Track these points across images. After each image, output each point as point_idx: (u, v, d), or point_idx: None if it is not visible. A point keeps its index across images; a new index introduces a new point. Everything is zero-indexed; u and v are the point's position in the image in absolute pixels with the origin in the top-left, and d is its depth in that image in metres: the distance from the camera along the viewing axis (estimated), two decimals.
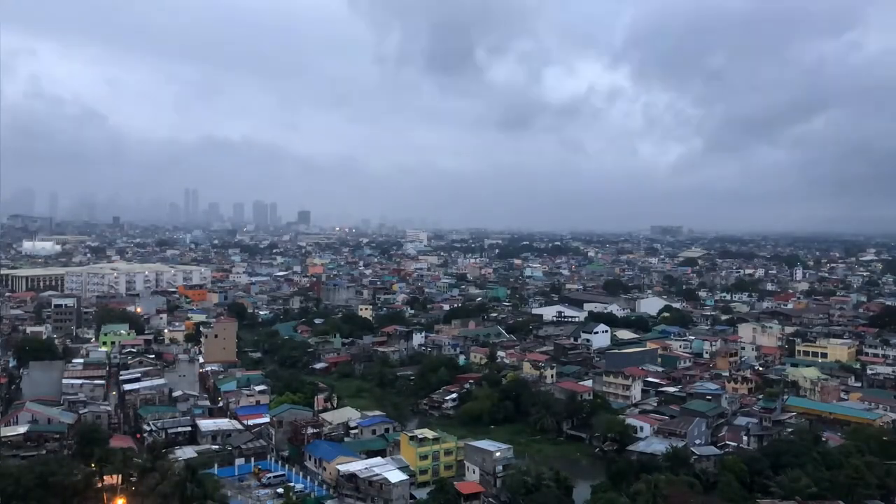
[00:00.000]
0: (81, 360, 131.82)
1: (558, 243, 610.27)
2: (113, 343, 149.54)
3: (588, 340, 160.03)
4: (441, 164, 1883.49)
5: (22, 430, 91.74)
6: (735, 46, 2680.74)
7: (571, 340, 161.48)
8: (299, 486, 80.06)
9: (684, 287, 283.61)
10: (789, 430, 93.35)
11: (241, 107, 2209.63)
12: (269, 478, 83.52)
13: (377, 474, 79.23)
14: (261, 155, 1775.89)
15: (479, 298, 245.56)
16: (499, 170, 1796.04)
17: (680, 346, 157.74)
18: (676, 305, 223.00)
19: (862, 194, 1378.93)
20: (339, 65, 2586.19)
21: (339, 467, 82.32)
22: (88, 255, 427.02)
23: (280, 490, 78.79)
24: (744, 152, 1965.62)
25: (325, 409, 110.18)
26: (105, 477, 71.65)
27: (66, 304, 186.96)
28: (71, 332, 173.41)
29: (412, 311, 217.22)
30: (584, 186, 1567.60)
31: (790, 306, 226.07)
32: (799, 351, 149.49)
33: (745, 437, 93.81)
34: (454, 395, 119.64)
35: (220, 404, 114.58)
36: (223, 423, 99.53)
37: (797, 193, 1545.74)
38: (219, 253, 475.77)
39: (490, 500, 78.98)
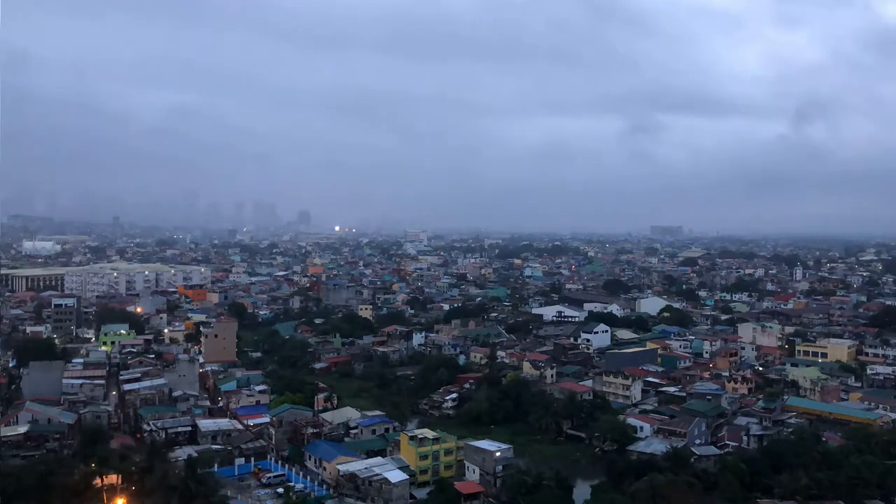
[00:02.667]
0: (81, 360, 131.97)
1: (558, 243, 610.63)
2: (113, 343, 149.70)
3: (588, 340, 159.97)
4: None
5: (22, 430, 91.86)
6: None
7: (571, 340, 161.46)
8: (299, 486, 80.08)
9: (684, 287, 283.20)
10: (789, 430, 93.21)
11: None
12: (269, 478, 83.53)
13: (377, 474, 79.23)
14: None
15: (479, 298, 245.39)
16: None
17: (680, 346, 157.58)
18: (676, 305, 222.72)
19: None
20: None
21: (339, 467, 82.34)
22: (88, 255, 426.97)
23: (280, 490, 78.84)
24: None
25: (325, 409, 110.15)
26: (105, 477, 71.60)
27: (66, 304, 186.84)
28: (71, 332, 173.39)
29: (412, 311, 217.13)
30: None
31: (790, 306, 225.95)
32: (799, 351, 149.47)
33: (745, 437, 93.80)
34: (454, 395, 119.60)
35: (220, 404, 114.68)
36: (223, 423, 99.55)
37: None
38: (219, 253, 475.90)
39: (490, 500, 78.99)
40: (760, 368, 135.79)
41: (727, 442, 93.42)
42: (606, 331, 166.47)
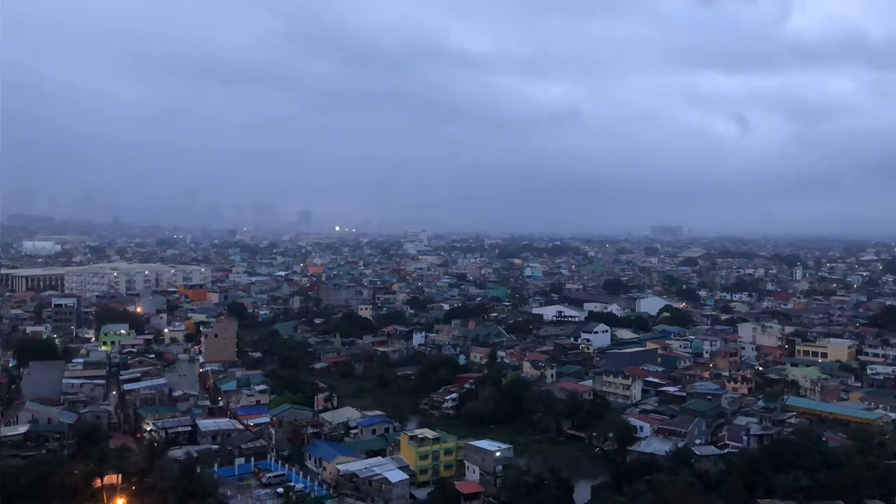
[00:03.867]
0: (81, 360, 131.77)
1: (558, 243, 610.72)
2: (113, 343, 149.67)
3: (588, 340, 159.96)
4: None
5: (22, 429, 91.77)
6: None
7: (571, 340, 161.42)
8: (299, 486, 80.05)
9: (684, 287, 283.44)
10: (790, 430, 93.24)
11: None
12: (269, 477, 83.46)
13: (377, 474, 79.22)
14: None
15: (479, 298, 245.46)
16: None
17: (680, 346, 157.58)
18: (676, 305, 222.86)
19: None
20: None
21: (339, 467, 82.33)
22: (88, 255, 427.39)
23: (280, 490, 78.78)
24: None
25: (325, 409, 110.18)
26: (105, 476, 71.69)
27: (66, 304, 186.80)
28: (71, 332, 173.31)
29: (412, 311, 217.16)
30: None
31: (790, 306, 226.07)
32: (799, 351, 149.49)
33: (745, 437, 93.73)
34: (454, 395, 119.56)
35: (220, 404, 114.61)
36: (223, 423, 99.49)
37: None
38: (219, 253, 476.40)
39: (490, 499, 78.92)
40: (760, 368, 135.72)
41: (727, 442, 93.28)
42: (606, 331, 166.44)
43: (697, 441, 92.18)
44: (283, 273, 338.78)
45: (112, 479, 71.92)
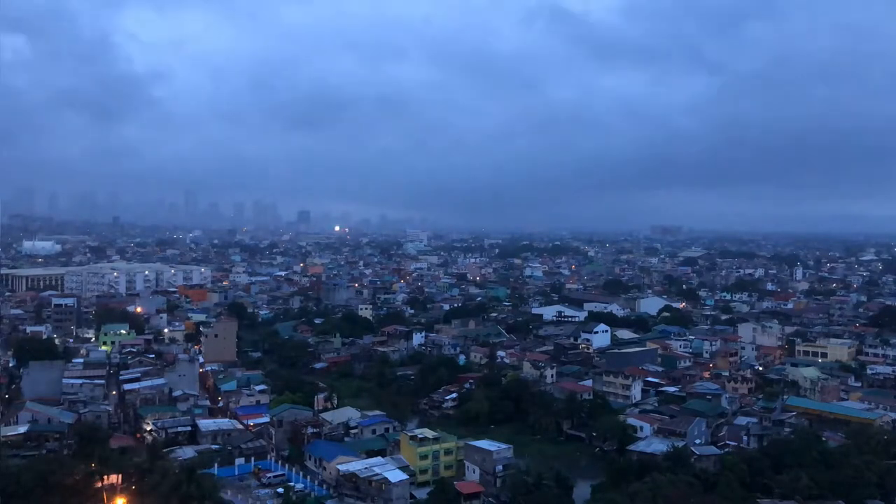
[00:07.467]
0: (81, 360, 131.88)
1: (558, 243, 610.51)
2: (113, 343, 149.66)
3: (588, 340, 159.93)
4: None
5: (22, 429, 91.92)
6: None
7: (571, 340, 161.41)
8: (299, 486, 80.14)
9: (684, 287, 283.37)
10: (789, 430, 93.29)
11: None
12: (269, 478, 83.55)
13: (377, 474, 79.21)
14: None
15: (479, 298, 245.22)
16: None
17: (680, 346, 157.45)
18: (676, 305, 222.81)
19: None
20: None
21: (339, 467, 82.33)
22: (88, 255, 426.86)
23: (280, 490, 78.86)
24: None
25: (325, 409, 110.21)
26: (105, 477, 71.74)
27: (66, 304, 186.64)
28: (71, 332, 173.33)
29: (412, 311, 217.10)
30: None
31: (790, 306, 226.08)
32: (799, 351, 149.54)
33: (745, 437, 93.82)
34: (454, 395, 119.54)
35: (220, 404, 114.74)
36: (223, 423, 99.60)
37: None
38: (219, 253, 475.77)
39: (490, 499, 79.02)
40: (760, 368, 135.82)
41: (727, 442, 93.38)
42: (606, 331, 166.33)
43: (697, 441, 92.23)
44: (283, 273, 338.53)
45: (112, 479, 71.99)
